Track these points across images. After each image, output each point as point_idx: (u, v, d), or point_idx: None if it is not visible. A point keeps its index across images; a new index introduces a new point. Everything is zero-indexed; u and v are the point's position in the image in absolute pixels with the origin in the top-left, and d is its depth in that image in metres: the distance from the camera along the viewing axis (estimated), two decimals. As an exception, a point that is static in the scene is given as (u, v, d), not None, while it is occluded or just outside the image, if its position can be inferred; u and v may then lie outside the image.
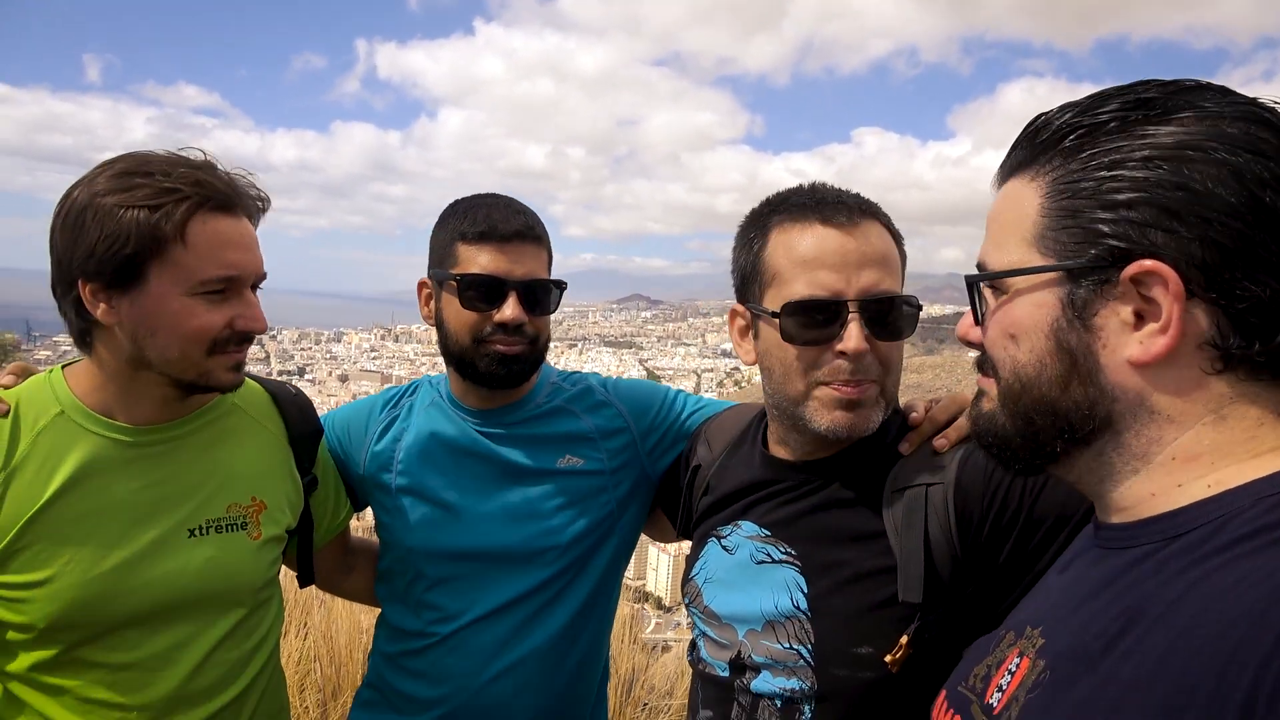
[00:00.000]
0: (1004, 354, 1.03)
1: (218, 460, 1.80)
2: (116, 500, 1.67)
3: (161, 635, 1.69)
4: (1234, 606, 0.78)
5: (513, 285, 1.90)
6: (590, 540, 2.01)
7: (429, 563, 2.01)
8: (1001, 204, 1.05)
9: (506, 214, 1.93)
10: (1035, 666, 0.99)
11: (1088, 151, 0.95)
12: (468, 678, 1.95)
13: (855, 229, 1.52)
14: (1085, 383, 0.97)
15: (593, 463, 2.04)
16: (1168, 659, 0.81)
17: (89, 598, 1.62)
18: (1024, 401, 1.02)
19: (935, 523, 1.46)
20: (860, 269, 1.50)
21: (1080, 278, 0.95)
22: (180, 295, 1.61)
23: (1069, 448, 1.01)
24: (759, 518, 1.64)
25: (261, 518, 1.82)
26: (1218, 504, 0.91)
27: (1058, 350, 0.98)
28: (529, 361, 1.96)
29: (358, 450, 2.13)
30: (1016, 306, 1.01)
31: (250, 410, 1.92)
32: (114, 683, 1.65)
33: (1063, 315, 0.97)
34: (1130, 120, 0.94)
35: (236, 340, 1.69)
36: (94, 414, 1.70)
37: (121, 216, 1.55)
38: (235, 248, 1.65)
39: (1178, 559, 0.89)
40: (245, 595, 1.79)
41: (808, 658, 1.49)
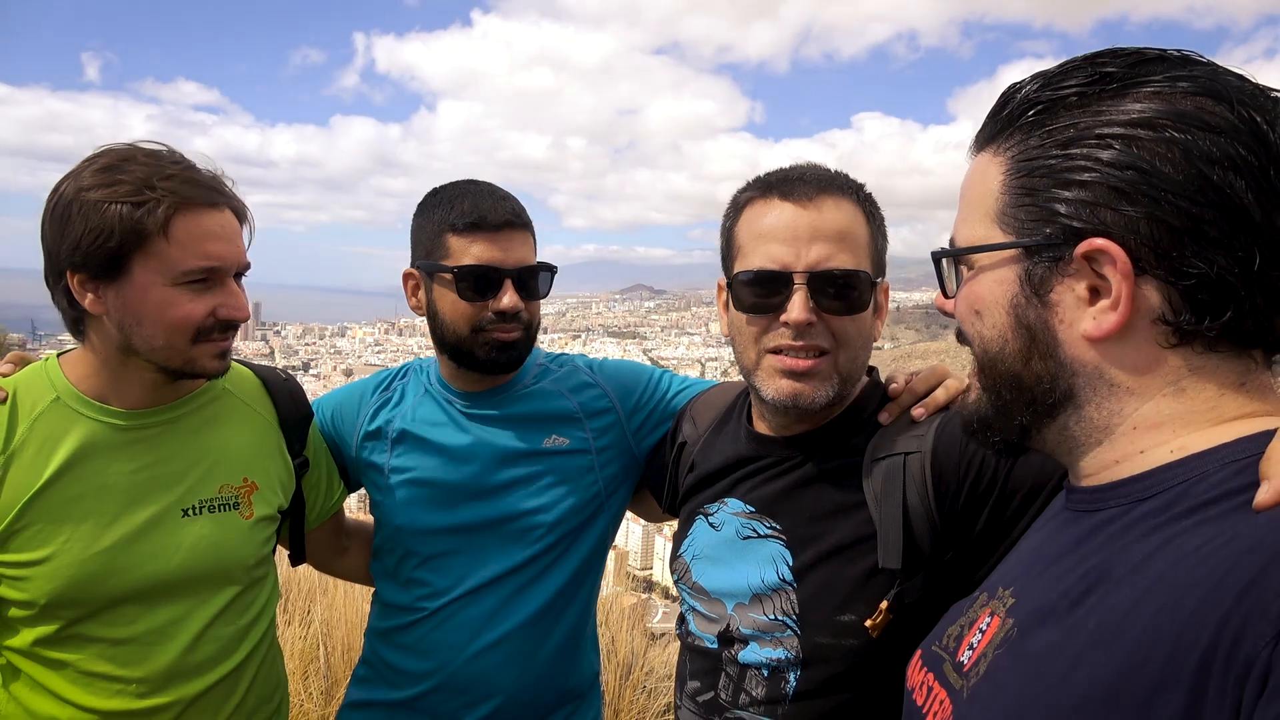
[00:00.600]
0: (971, 329, 1.06)
1: (210, 442, 1.86)
2: (112, 482, 1.73)
3: (158, 611, 1.75)
4: (1197, 569, 0.80)
5: (507, 273, 1.93)
6: (577, 519, 2.06)
7: (418, 540, 2.07)
8: (969, 179, 1.07)
9: (493, 202, 1.96)
10: (1005, 625, 1.01)
11: (1047, 128, 0.96)
12: (454, 651, 2.00)
13: (811, 203, 1.55)
14: (1045, 357, 0.99)
15: (578, 442, 2.08)
16: (1131, 617, 0.83)
17: (87, 575, 1.68)
18: (991, 375, 1.05)
19: (913, 491, 1.49)
20: (811, 243, 1.53)
21: (1036, 255, 0.97)
22: (163, 285, 1.66)
23: (1036, 420, 1.03)
24: (744, 494, 1.67)
25: (253, 498, 1.88)
26: (1183, 468, 0.92)
27: (1017, 325, 1.00)
28: (524, 346, 2.00)
29: (350, 432, 2.18)
30: (980, 282, 1.04)
31: (241, 394, 1.97)
32: (113, 656, 1.71)
33: (1020, 291, 0.99)
34: (1089, 95, 0.95)
35: (220, 328, 1.74)
36: (88, 399, 1.75)
37: (105, 210, 1.61)
38: (215, 239, 1.69)
39: (1144, 522, 0.91)
40: (239, 572, 1.85)
41: (794, 627, 1.53)
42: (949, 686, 1.06)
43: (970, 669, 1.03)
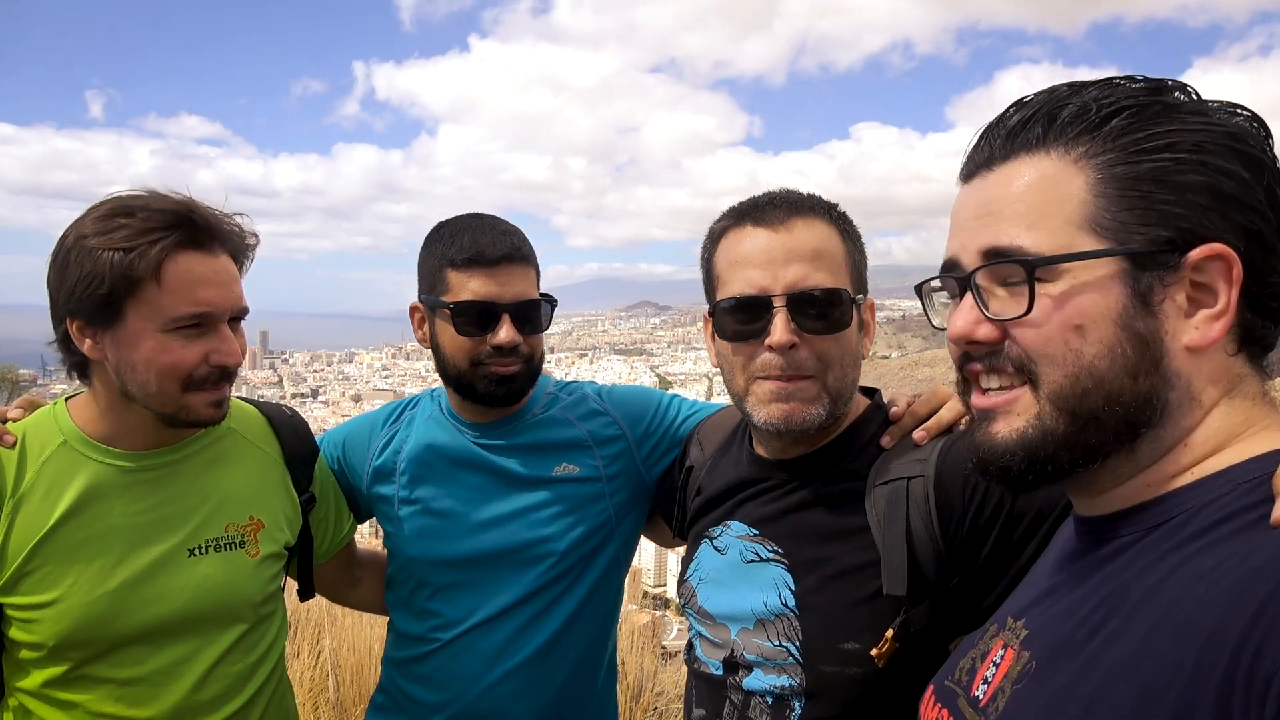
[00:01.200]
0: (1066, 349, 0.94)
1: (215, 482, 1.87)
2: (119, 523, 1.75)
3: (166, 651, 1.75)
4: (1213, 590, 0.79)
5: (504, 308, 1.94)
6: (587, 546, 2.06)
7: (430, 571, 2.07)
8: (1020, 185, 0.97)
9: (492, 236, 1.96)
10: (1020, 657, 0.99)
11: (1140, 133, 0.93)
12: (469, 683, 2.00)
13: (782, 226, 1.56)
14: (1151, 371, 0.93)
15: (588, 470, 2.08)
16: (1150, 643, 0.81)
17: (95, 616, 1.69)
18: (1092, 399, 0.94)
19: (916, 515, 1.46)
20: (787, 264, 1.53)
21: (1146, 261, 0.92)
22: (155, 332, 1.67)
23: (1116, 446, 0.96)
24: (746, 516, 1.66)
25: (260, 536, 1.89)
26: (1196, 491, 0.92)
27: (1130, 338, 0.92)
28: (525, 379, 2.00)
29: (360, 464, 2.19)
30: (1080, 295, 0.93)
31: (246, 433, 1.98)
32: (122, 697, 1.72)
33: (1130, 302, 0.92)
34: (1171, 105, 0.94)
35: (215, 377, 1.74)
36: (95, 442, 1.77)
37: (99, 257, 1.63)
38: (207, 285, 1.69)
39: (1157, 546, 0.90)
40: (246, 610, 1.85)
41: (796, 655, 1.51)
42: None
43: (987, 704, 1.01)
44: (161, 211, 1.67)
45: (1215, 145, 0.91)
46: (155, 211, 1.67)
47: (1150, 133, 0.93)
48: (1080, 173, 0.95)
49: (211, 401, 1.76)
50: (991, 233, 0.99)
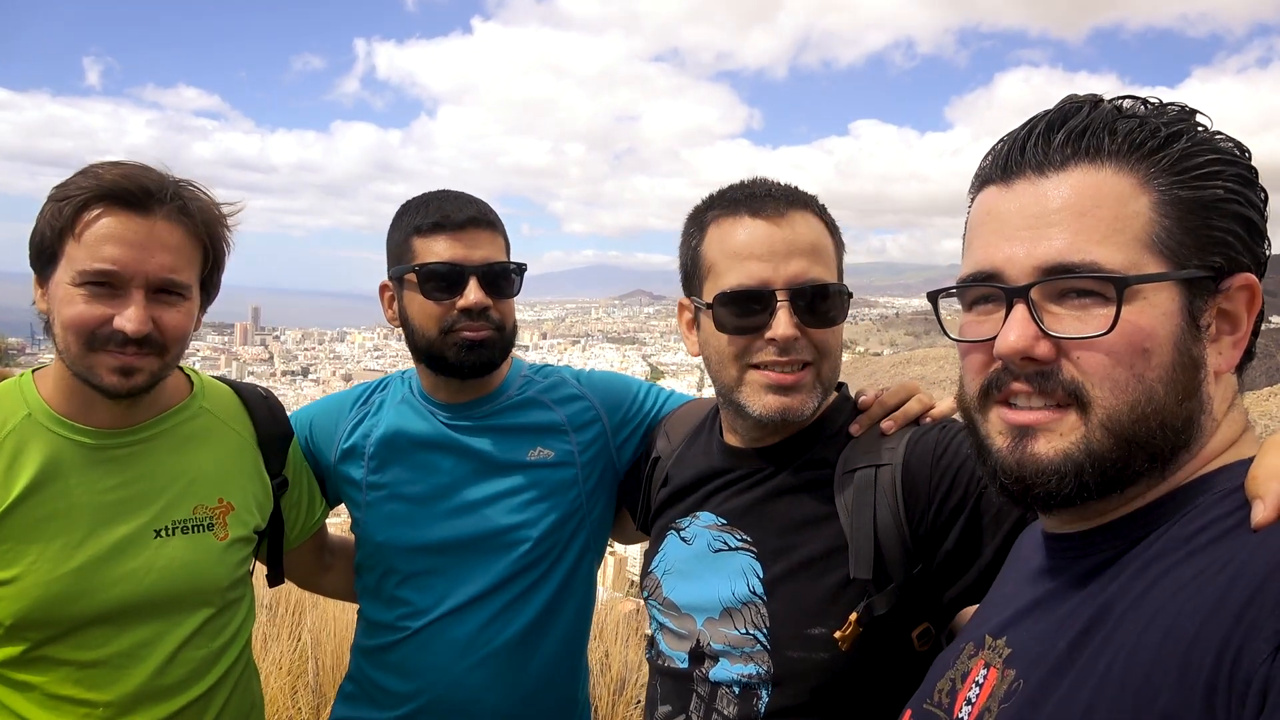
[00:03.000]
0: (1130, 373, 0.92)
1: (184, 462, 1.81)
2: (82, 501, 1.69)
3: (128, 633, 1.70)
4: (1195, 597, 0.80)
5: (472, 270, 1.91)
6: (560, 534, 2.02)
7: (399, 558, 2.02)
8: (1089, 196, 0.94)
9: (457, 204, 1.94)
10: (1005, 676, 0.98)
11: (1200, 159, 0.94)
12: (439, 672, 1.96)
13: (783, 219, 1.57)
14: (1193, 395, 0.93)
15: (563, 455, 2.04)
16: (1136, 654, 0.82)
17: (54, 596, 1.63)
18: (1148, 424, 0.92)
19: (884, 503, 1.50)
20: (788, 258, 1.54)
21: (1197, 287, 0.93)
22: (66, 284, 1.63)
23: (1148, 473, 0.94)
24: (716, 507, 1.66)
25: (229, 519, 1.84)
26: (1174, 502, 0.93)
27: (1183, 363, 0.92)
28: (497, 347, 1.96)
29: (327, 447, 2.13)
30: (1149, 317, 0.91)
31: (218, 413, 1.92)
32: (81, 679, 1.67)
33: (1186, 325, 0.93)
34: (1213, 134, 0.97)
35: (117, 340, 1.64)
36: (59, 417, 1.72)
37: (45, 211, 1.63)
38: (119, 243, 1.61)
39: (1138, 558, 0.91)
40: (212, 595, 1.80)
41: (764, 641, 1.52)
42: None
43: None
44: (110, 172, 1.63)
45: (1246, 177, 0.95)
46: (104, 172, 1.63)
47: (1206, 159, 0.94)
48: (1145, 191, 0.93)
49: (115, 367, 1.64)
50: (1054, 245, 0.94)
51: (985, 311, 1.02)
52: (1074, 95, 1.00)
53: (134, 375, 1.66)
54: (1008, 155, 1.00)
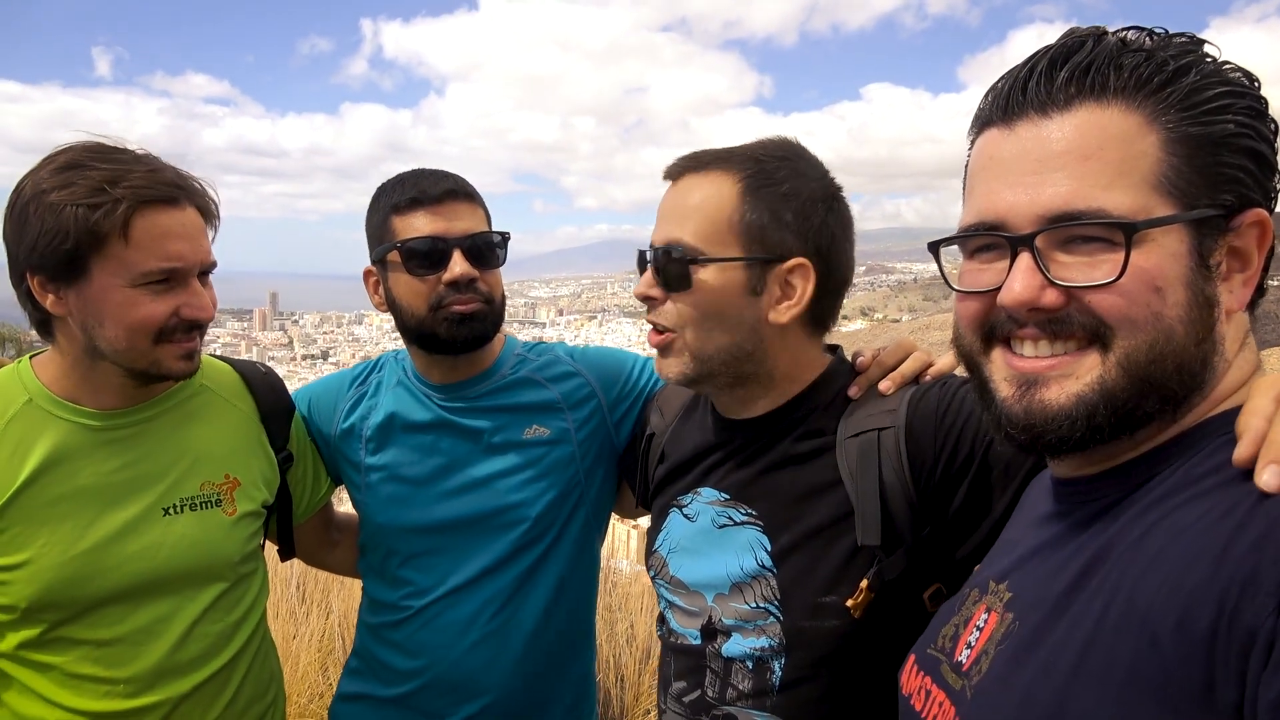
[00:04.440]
0: (1146, 310, 0.90)
1: (189, 440, 1.83)
2: (90, 483, 1.71)
3: (143, 611, 1.73)
4: (1195, 543, 0.79)
5: (455, 243, 1.87)
6: (559, 512, 2.01)
7: (399, 538, 2.03)
8: (1094, 137, 0.91)
9: (432, 178, 1.92)
10: (1004, 620, 0.99)
11: (1209, 92, 0.91)
12: (442, 650, 1.97)
13: (675, 183, 1.62)
14: (1208, 335, 0.92)
15: (559, 433, 2.03)
16: (1135, 598, 0.82)
17: (68, 578, 1.66)
18: (1165, 364, 0.90)
19: (889, 466, 1.47)
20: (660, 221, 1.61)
21: (1208, 224, 0.91)
22: (122, 287, 1.63)
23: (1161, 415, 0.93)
24: (717, 482, 1.64)
25: (236, 494, 1.85)
26: (1179, 445, 0.92)
27: (1198, 301, 0.91)
28: (488, 319, 1.93)
29: (326, 426, 2.13)
30: (1159, 257, 0.90)
31: (220, 390, 1.94)
32: (99, 658, 1.69)
33: (1195, 264, 0.91)
34: (1220, 64, 0.93)
35: (184, 328, 1.71)
36: (61, 400, 1.73)
37: (62, 212, 1.58)
38: (176, 239, 1.65)
39: (1139, 502, 0.91)
40: (224, 569, 1.82)
41: (776, 613, 1.51)
42: (948, 688, 1.04)
43: (970, 667, 1.00)
44: (124, 163, 1.63)
45: (1256, 109, 0.92)
46: (118, 164, 1.62)
47: (1215, 92, 0.91)
48: (1153, 130, 0.90)
49: (183, 354, 1.72)
50: (1059, 192, 0.91)
51: (987, 260, 0.99)
52: (1076, 28, 0.96)
53: (195, 358, 1.76)
54: (1009, 95, 0.97)
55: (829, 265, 1.53)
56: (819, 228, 1.51)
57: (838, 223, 1.54)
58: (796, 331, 1.56)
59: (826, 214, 1.52)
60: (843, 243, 1.56)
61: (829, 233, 1.53)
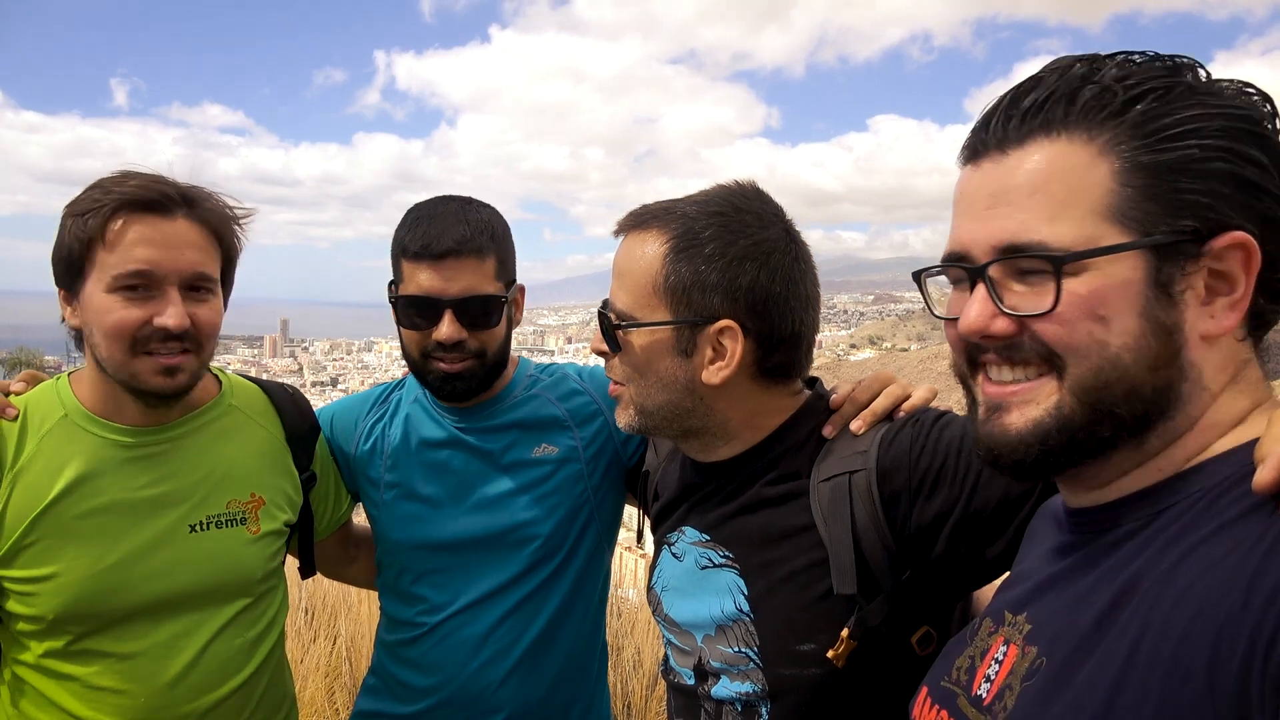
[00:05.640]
0: (1089, 339, 0.92)
1: (216, 458, 1.86)
2: (119, 498, 1.74)
3: (165, 626, 1.75)
4: (1227, 576, 0.78)
5: (447, 304, 1.89)
6: (569, 528, 2.03)
7: (413, 556, 2.06)
8: (1041, 171, 0.93)
9: (444, 226, 1.90)
10: (1026, 653, 0.97)
11: (1166, 119, 0.90)
12: (456, 668, 1.99)
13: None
14: (1170, 362, 0.91)
15: (567, 450, 2.05)
16: (1166, 633, 0.80)
17: (94, 591, 1.69)
18: (1114, 391, 0.92)
19: (861, 510, 1.42)
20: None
21: (1169, 252, 0.89)
22: (101, 292, 1.67)
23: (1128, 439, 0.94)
24: (697, 522, 1.62)
25: (260, 513, 1.88)
26: (1201, 475, 0.90)
27: (1154, 329, 0.91)
28: (475, 377, 1.95)
29: (348, 445, 2.17)
30: (1103, 287, 0.91)
31: (247, 410, 1.97)
32: (121, 671, 1.72)
33: (1153, 292, 0.90)
34: (1191, 87, 0.91)
35: (159, 338, 1.69)
36: (95, 417, 1.77)
37: (68, 225, 1.68)
38: (149, 245, 1.66)
39: (1164, 532, 0.88)
40: (246, 586, 1.85)
41: (755, 659, 1.47)
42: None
43: (993, 702, 0.98)
44: (126, 181, 1.69)
45: (1237, 130, 0.90)
46: (120, 182, 1.69)
47: (1176, 118, 0.90)
48: (1104, 160, 0.91)
49: (159, 368, 1.69)
50: (1007, 225, 0.95)
51: (962, 289, 1.03)
52: (1061, 59, 0.97)
53: (177, 374, 1.72)
54: (975, 134, 1.01)
55: (767, 322, 1.47)
56: (749, 286, 1.45)
57: (775, 278, 1.46)
58: (744, 387, 1.51)
59: (759, 271, 1.45)
60: (784, 297, 1.47)
61: (761, 290, 1.45)
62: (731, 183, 1.54)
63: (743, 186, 1.53)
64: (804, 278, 1.50)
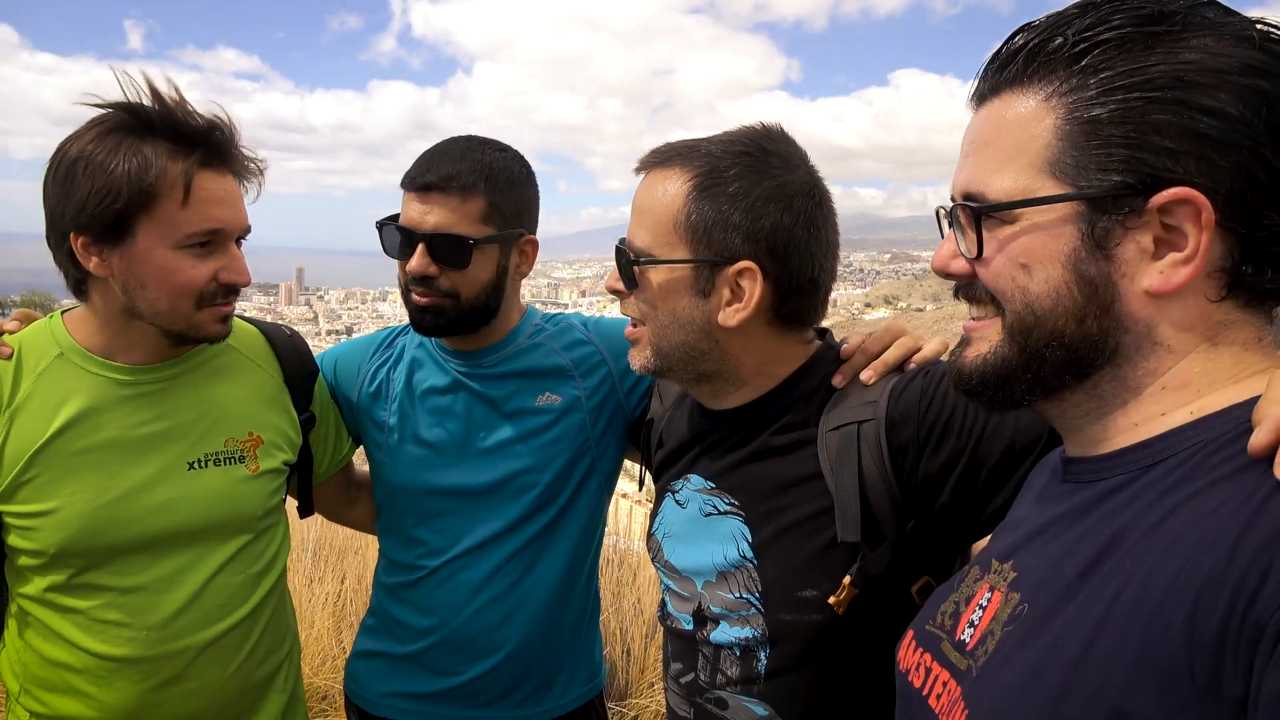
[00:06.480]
0: (1012, 285, 0.96)
1: (214, 397, 1.88)
2: (117, 435, 1.76)
3: (166, 560, 1.78)
4: (1213, 530, 0.78)
5: (419, 237, 1.88)
6: (570, 478, 2.05)
7: (415, 499, 2.08)
8: (997, 124, 0.97)
9: (436, 161, 1.90)
10: (1009, 600, 0.98)
11: (1113, 70, 0.88)
12: (454, 610, 2.03)
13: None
14: (1101, 315, 0.92)
15: (570, 400, 2.06)
16: (1149, 584, 0.80)
17: (94, 526, 1.72)
18: (1036, 334, 0.95)
19: (869, 459, 1.42)
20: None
21: (1103, 206, 0.89)
22: (166, 249, 1.67)
23: (1067, 382, 0.97)
24: (704, 469, 1.63)
25: (259, 452, 1.90)
26: (1196, 430, 0.90)
27: (1077, 280, 0.92)
28: (448, 314, 1.94)
29: (350, 390, 2.18)
30: (1028, 236, 0.94)
31: (245, 351, 1.98)
32: (123, 604, 1.76)
33: (1082, 245, 0.91)
34: (1153, 35, 0.88)
35: (223, 293, 1.76)
36: (92, 355, 1.78)
37: (112, 170, 1.61)
38: (219, 204, 1.70)
39: (1155, 485, 0.88)
40: (246, 523, 1.88)
41: (757, 605, 1.49)
42: (951, 666, 1.03)
43: (975, 647, 0.99)
44: (175, 127, 1.66)
45: (1201, 80, 0.85)
46: (169, 126, 1.66)
47: (1125, 69, 0.88)
48: (1050, 114, 0.92)
49: (220, 317, 1.78)
50: (964, 175, 1.00)
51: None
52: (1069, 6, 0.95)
53: (228, 321, 1.81)
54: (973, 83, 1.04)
55: (787, 266, 1.46)
56: (771, 229, 1.43)
57: (797, 221, 1.45)
58: (759, 332, 1.51)
59: (782, 213, 1.44)
60: (806, 242, 1.46)
61: (784, 233, 1.44)
62: (758, 124, 1.52)
63: (769, 129, 1.51)
64: (825, 224, 1.49)
